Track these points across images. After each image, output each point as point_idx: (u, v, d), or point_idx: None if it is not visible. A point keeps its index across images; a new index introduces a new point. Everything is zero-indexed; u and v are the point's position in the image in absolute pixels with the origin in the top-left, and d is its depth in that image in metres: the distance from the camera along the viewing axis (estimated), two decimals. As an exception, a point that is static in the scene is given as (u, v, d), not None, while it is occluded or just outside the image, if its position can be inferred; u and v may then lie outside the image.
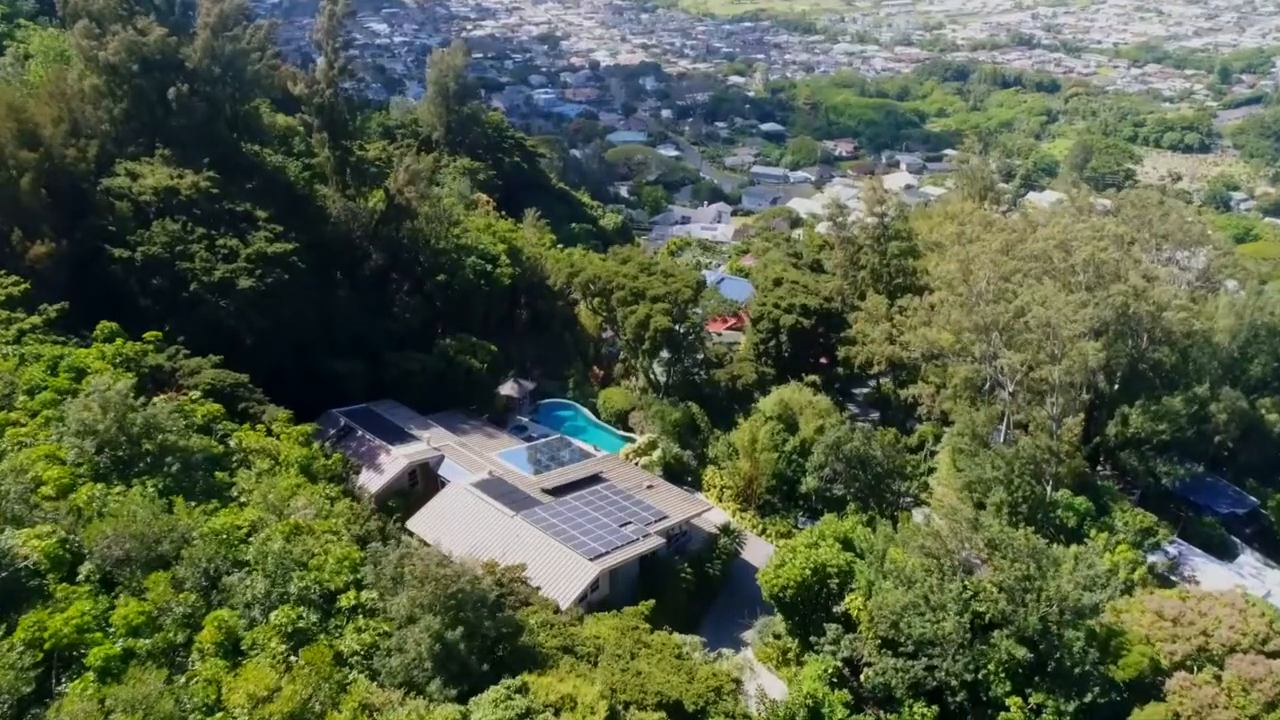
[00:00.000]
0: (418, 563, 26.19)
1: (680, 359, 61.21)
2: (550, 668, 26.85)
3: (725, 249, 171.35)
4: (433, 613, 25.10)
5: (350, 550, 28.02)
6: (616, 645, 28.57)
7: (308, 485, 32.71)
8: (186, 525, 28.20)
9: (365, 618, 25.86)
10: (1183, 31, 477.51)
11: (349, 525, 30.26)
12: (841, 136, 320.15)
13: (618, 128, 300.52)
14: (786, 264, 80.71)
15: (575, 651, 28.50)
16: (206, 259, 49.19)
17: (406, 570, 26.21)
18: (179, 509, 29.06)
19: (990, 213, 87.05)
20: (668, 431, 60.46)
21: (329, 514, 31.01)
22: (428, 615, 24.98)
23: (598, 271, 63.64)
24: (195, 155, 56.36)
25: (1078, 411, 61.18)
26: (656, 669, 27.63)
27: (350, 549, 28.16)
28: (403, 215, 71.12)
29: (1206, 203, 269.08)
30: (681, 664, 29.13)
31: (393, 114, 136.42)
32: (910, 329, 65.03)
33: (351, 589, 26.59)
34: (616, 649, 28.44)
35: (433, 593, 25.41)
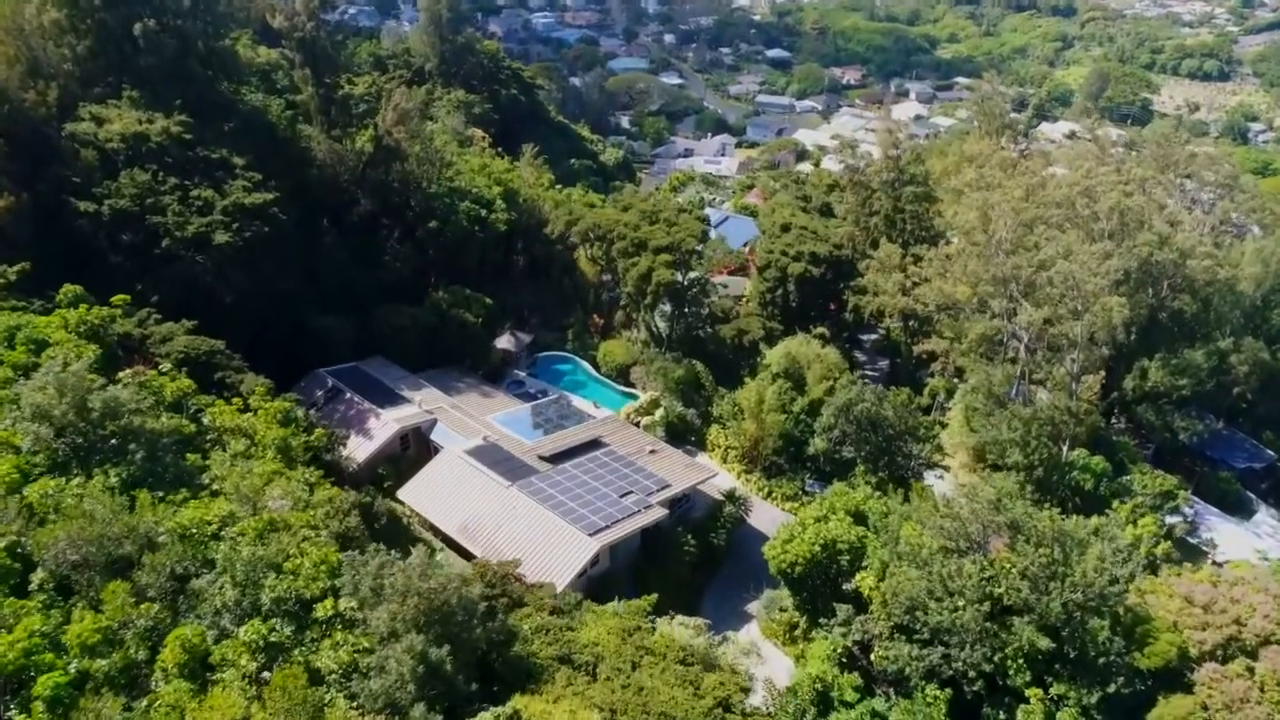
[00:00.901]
0: (399, 575, 24.04)
1: (684, 314, 58.41)
2: (546, 681, 24.96)
3: (729, 184, 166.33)
4: (416, 629, 23.09)
5: (328, 552, 25.89)
6: (617, 653, 26.69)
7: (285, 471, 30.50)
8: (151, 523, 26.02)
9: (343, 630, 23.84)
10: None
11: (328, 519, 28.12)
12: (849, 64, 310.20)
13: (619, 54, 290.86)
14: (795, 208, 77.13)
15: (573, 661, 26.59)
16: (179, 212, 46.05)
17: (387, 583, 24.09)
18: (142, 504, 26.80)
19: (1009, 152, 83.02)
20: (670, 389, 58.08)
21: (308, 504, 28.84)
22: (411, 633, 22.96)
23: (597, 220, 60.36)
24: (166, 96, 52.60)
25: (1098, 369, 58.65)
26: (660, 681, 25.76)
27: (328, 550, 26.03)
28: (392, 157, 67.41)
29: (1224, 134, 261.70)
30: (687, 672, 27.27)
31: (384, 43, 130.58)
32: (925, 281, 62.08)
33: (329, 597, 24.50)
34: (617, 658, 26.56)
35: (416, 607, 23.36)
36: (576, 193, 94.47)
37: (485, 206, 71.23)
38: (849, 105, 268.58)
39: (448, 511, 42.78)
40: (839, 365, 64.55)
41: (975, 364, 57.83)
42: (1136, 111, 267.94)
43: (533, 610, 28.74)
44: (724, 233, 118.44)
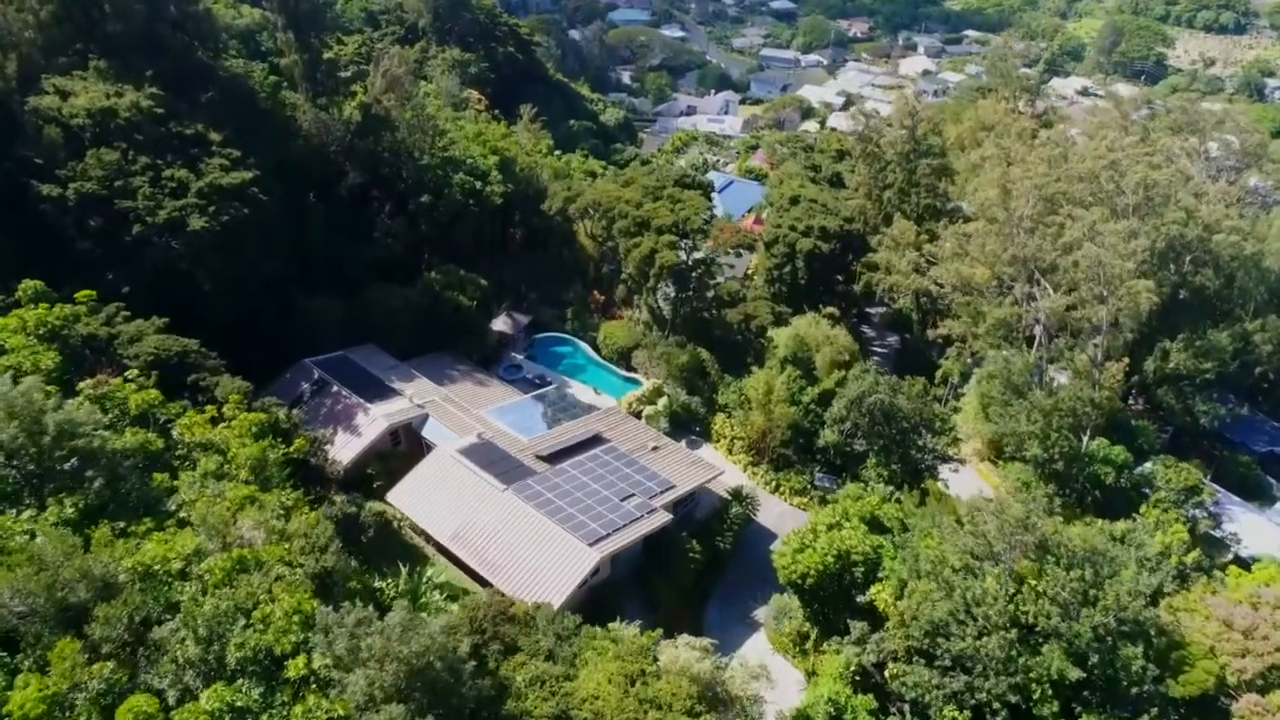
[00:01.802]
0: (377, 638, 21.75)
1: (689, 297, 55.61)
2: (541, 744, 22.98)
3: (733, 144, 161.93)
4: (397, 697, 20.91)
5: (302, 598, 23.57)
6: (619, 709, 24.58)
7: (259, 496, 28.15)
8: (108, 564, 23.74)
9: (317, 694, 21.63)
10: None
11: (304, 554, 25.80)
12: (856, 15, 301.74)
13: (619, 5, 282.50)
14: (804, 178, 73.82)
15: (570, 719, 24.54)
16: (150, 195, 43.00)
17: (364, 645, 21.83)
18: (99, 542, 24.44)
19: (1026, 119, 79.47)
20: (674, 376, 55.56)
21: (283, 534, 26.53)
22: (391, 703, 20.77)
23: (598, 196, 57.21)
24: (137, 66, 49.17)
25: (1122, 355, 56.06)
26: (666, 741, 23.78)
27: (302, 596, 23.71)
28: (382, 126, 63.96)
29: (1239, 90, 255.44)
30: (695, 724, 25.23)
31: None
32: (941, 261, 59.21)
33: (301, 654, 22.25)
34: (619, 714, 24.46)
35: (396, 673, 21.16)
36: (576, 159, 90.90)
37: (480, 178, 67.95)
38: (855, 60, 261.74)
39: (440, 516, 40.57)
40: (849, 347, 61.94)
41: (992, 349, 55.26)
42: (1151, 67, 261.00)
43: (527, 656, 26.59)
44: (728, 198, 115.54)
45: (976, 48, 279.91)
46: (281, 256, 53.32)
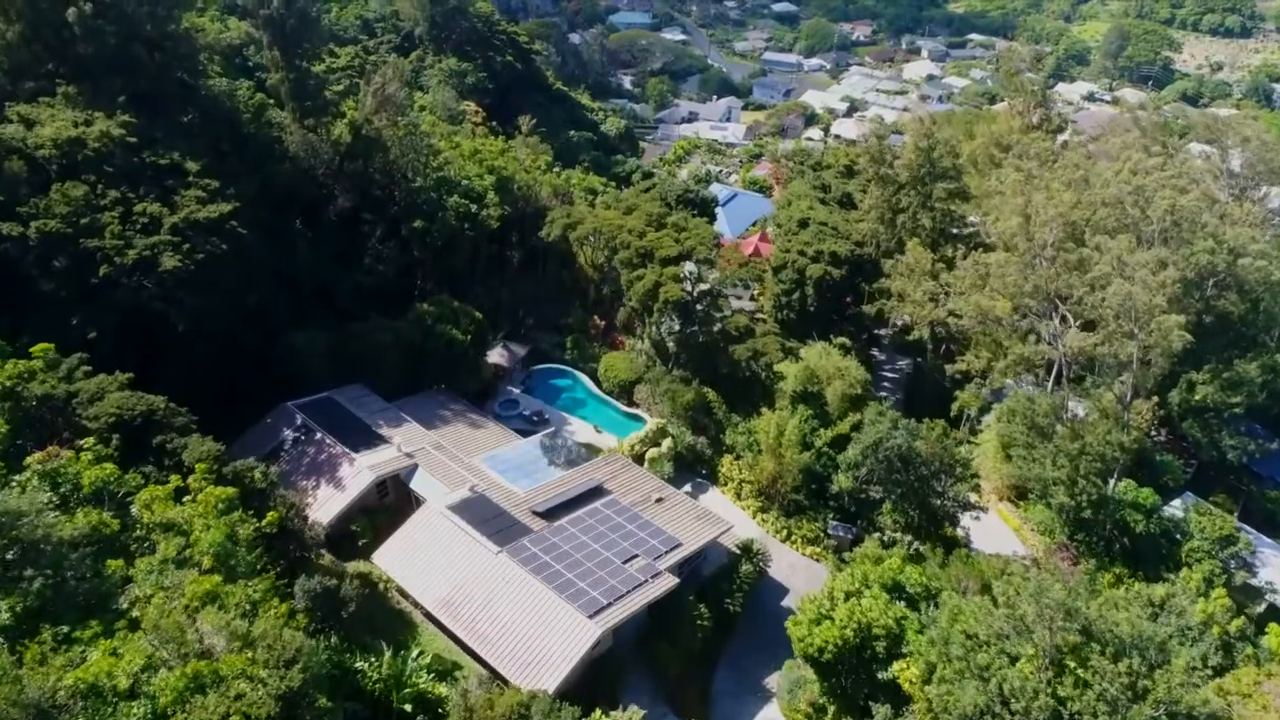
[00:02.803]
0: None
1: (694, 332, 52.76)
2: None
3: (736, 152, 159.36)
4: None
5: (263, 729, 20.89)
6: None
7: (222, 590, 25.36)
8: (45, 685, 20.94)
9: None
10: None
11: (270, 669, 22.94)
12: (859, 18, 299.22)
13: (620, 7, 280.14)
14: (813, 199, 71.01)
15: None
16: (119, 234, 40.11)
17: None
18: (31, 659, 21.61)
19: (1045, 138, 76.48)
20: (678, 414, 52.70)
21: (248, 637, 23.73)
22: None
23: (598, 225, 54.31)
24: (110, 90, 46.37)
25: (1151, 393, 53.19)
26: None
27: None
28: (373, 148, 61.13)
29: (1247, 95, 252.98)
30: None
31: (371, 4, 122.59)
32: (960, 293, 56.36)
33: (260, 802, 19.56)
34: None
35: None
36: (576, 175, 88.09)
37: (476, 200, 65.12)
38: (858, 63, 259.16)
39: (428, 581, 37.75)
40: (862, 380, 59.20)
41: (1014, 387, 52.48)
42: (1157, 72, 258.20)
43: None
44: (732, 212, 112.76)
45: (981, 51, 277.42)
46: (265, 288, 50.52)
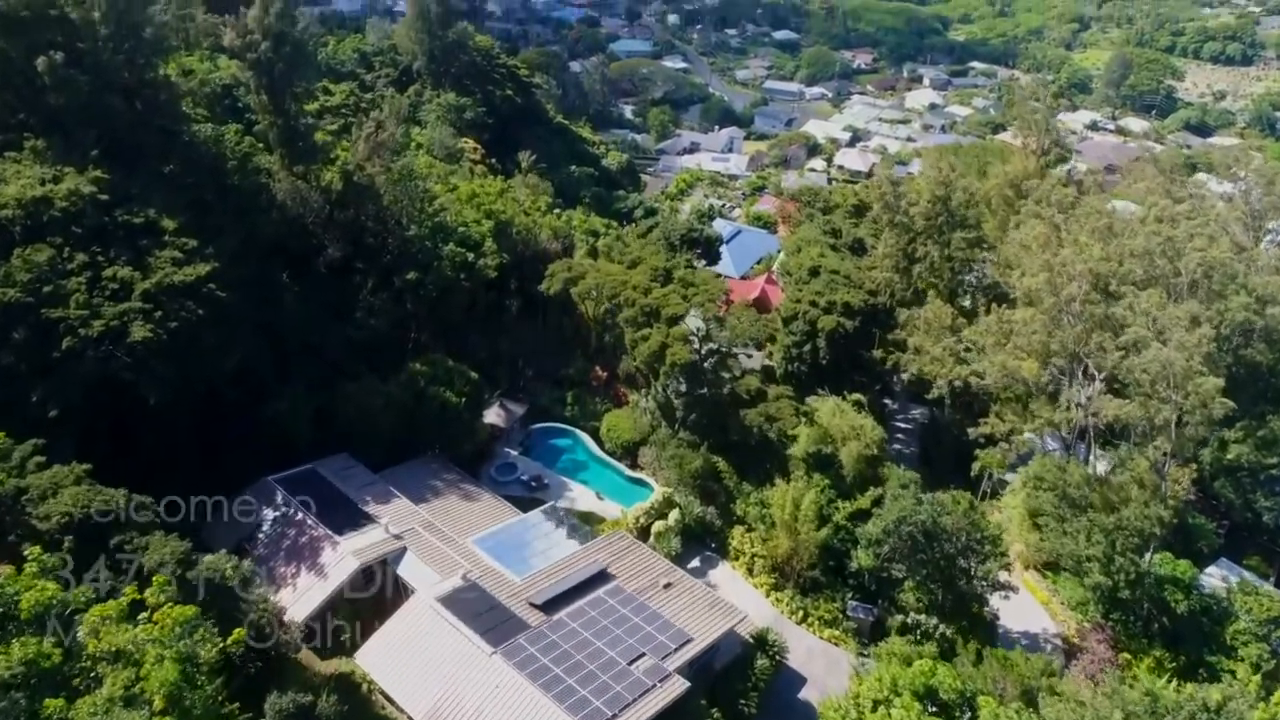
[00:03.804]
0: None
1: (702, 396, 49.76)
2: None
3: (739, 185, 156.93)
4: None
5: None
6: None
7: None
8: None
9: None
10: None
11: None
12: (860, 46, 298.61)
13: (621, 35, 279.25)
14: (823, 245, 68.28)
15: None
16: (85, 303, 37.16)
17: None
18: None
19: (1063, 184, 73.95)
20: (686, 482, 49.58)
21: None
22: None
23: (600, 280, 51.48)
24: (83, 141, 43.59)
25: (1188, 459, 50.12)
26: None
27: None
28: (365, 195, 58.40)
29: (1250, 124, 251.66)
30: None
31: (369, 38, 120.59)
32: (982, 352, 53.45)
33: None
34: None
35: None
36: (578, 216, 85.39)
37: (473, 249, 62.24)
38: (860, 92, 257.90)
39: (416, 685, 34.47)
40: (878, 440, 56.20)
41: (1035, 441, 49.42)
42: (1161, 101, 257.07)
43: None
44: (736, 249, 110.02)
45: (983, 80, 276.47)
46: (248, 347, 47.46)
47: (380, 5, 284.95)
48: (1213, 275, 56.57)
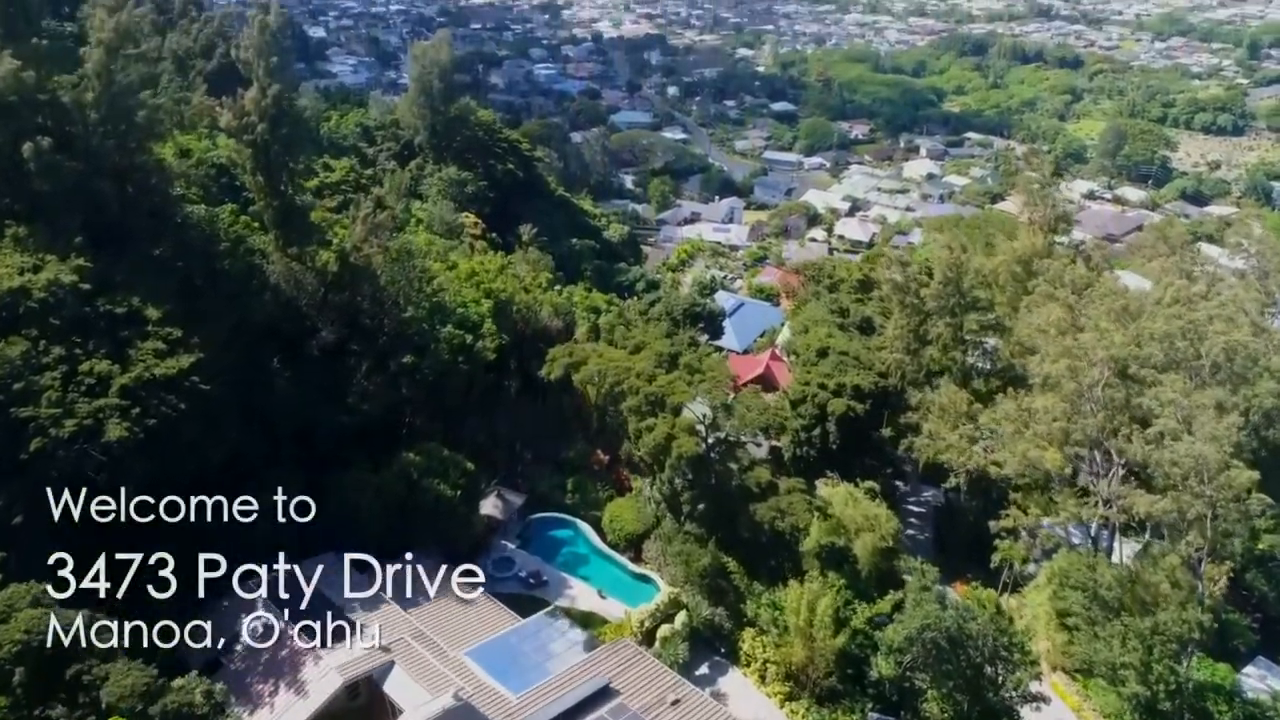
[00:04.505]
0: None
1: (710, 488, 47.46)
2: None
3: (740, 255, 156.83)
4: None
5: None
6: None
7: None
8: None
9: None
10: (1206, 2, 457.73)
11: None
12: (856, 117, 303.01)
13: (621, 107, 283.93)
14: (830, 325, 66.65)
15: None
16: (58, 400, 35.16)
17: None
18: None
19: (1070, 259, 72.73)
20: (693, 580, 46.89)
21: None
22: None
23: (603, 366, 49.61)
24: (67, 226, 42.10)
25: (1225, 558, 47.52)
26: None
27: None
28: (361, 277, 56.94)
29: (1246, 193, 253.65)
30: None
31: (372, 112, 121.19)
32: (1003, 441, 51.32)
33: None
34: None
35: None
36: (579, 292, 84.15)
37: (472, 330, 60.60)
38: (858, 162, 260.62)
39: (401, 823, 31.38)
40: (893, 532, 53.64)
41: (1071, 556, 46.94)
42: (1157, 171, 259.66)
43: None
44: (738, 322, 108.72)
45: (979, 150, 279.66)
46: (233, 438, 45.31)
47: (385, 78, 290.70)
48: (1235, 358, 54.87)
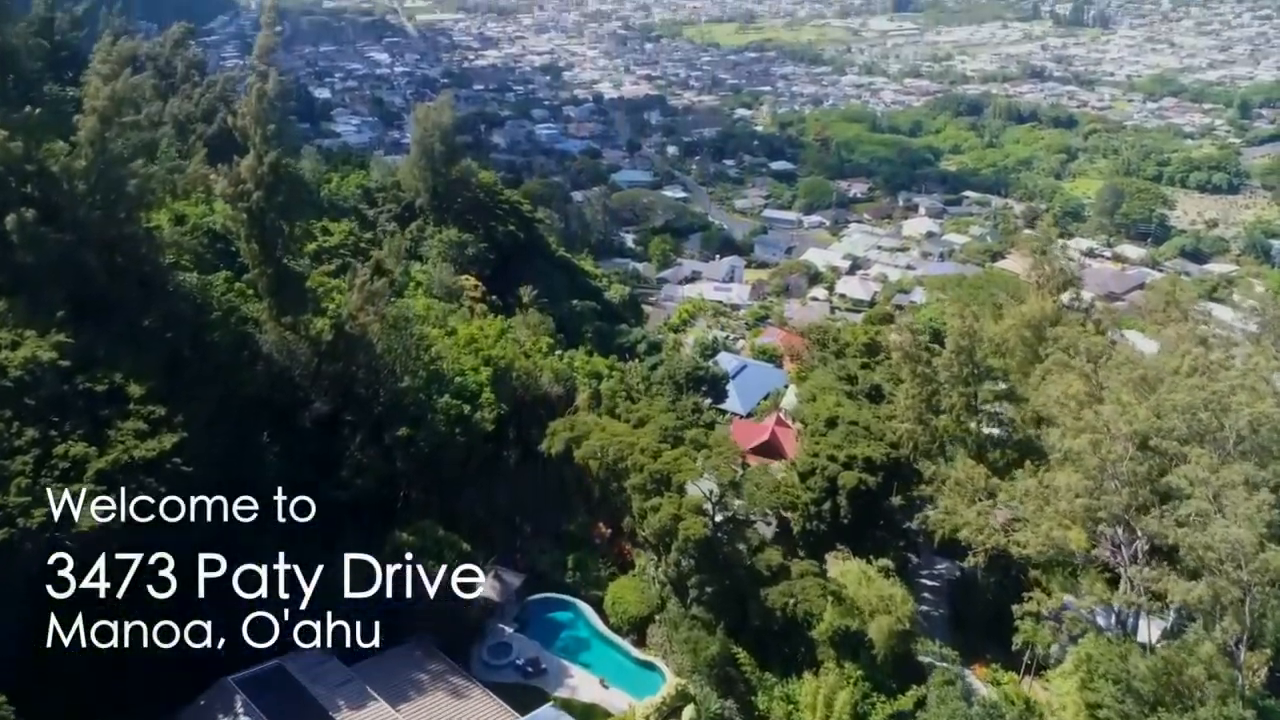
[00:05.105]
0: None
1: (718, 573, 45.16)
2: None
3: (742, 314, 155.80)
4: None
5: None
6: None
7: None
8: None
9: None
10: (1196, 64, 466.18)
11: None
12: (854, 175, 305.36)
13: (622, 166, 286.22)
14: (838, 393, 64.77)
15: None
16: (27, 487, 33.18)
17: None
18: None
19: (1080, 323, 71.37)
20: (700, 670, 44.33)
21: None
22: None
23: (605, 441, 47.71)
24: (51, 299, 40.56)
25: (1259, 644, 45.01)
26: None
27: None
28: (356, 348, 55.36)
29: (1245, 251, 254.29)
30: None
31: (373, 174, 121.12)
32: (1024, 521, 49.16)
33: None
34: None
35: None
36: (580, 357, 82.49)
37: (470, 400, 58.81)
38: (857, 220, 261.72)
39: None
40: (910, 614, 51.08)
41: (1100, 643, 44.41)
42: (1155, 229, 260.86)
43: None
44: (741, 385, 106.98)
45: (977, 208, 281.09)
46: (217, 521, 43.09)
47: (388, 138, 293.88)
48: (1260, 430, 52.97)
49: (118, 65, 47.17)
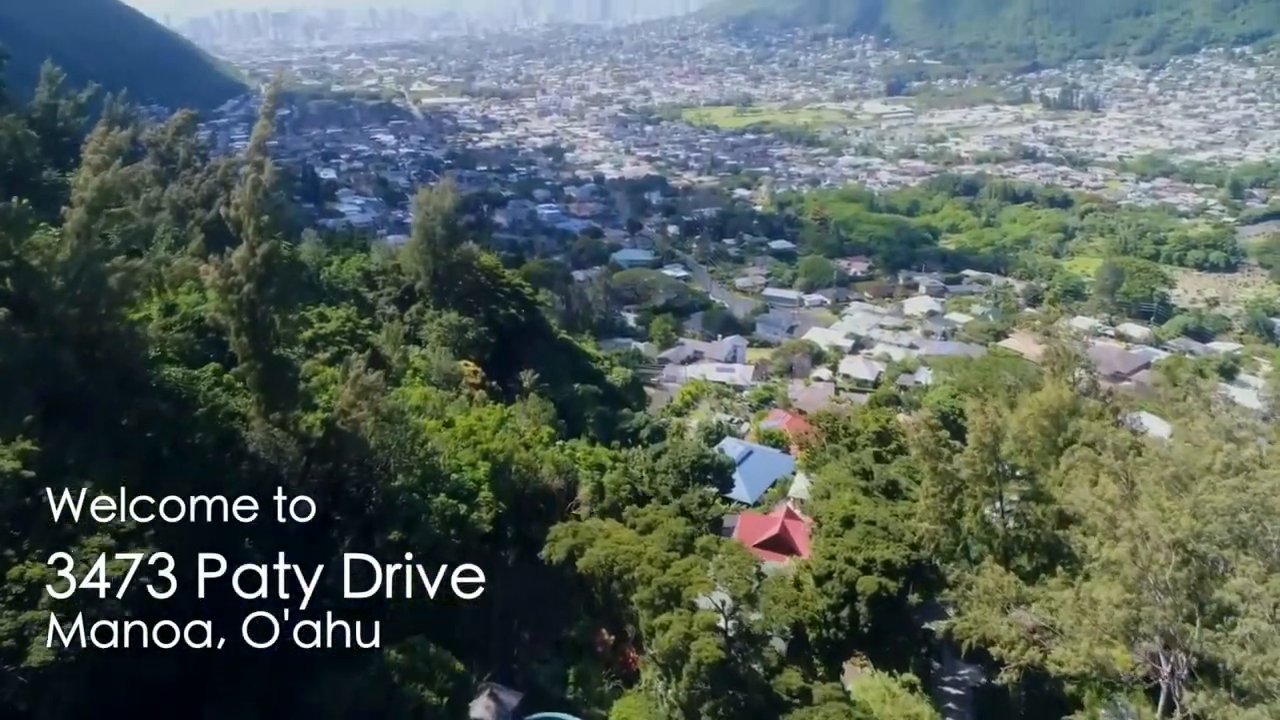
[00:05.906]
0: None
1: (734, 699, 41.55)
2: None
3: (745, 396, 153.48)
4: None
5: None
6: None
7: None
8: None
9: None
10: (1186, 145, 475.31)
11: None
12: (854, 254, 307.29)
13: (623, 245, 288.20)
14: (854, 489, 61.81)
15: None
16: (-24, 616, 30.16)
17: None
18: None
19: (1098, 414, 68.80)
20: (716, 806, 40.31)
21: None
22: None
23: (611, 550, 44.63)
24: (19, 403, 38.00)
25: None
26: None
27: None
28: (347, 445, 52.66)
29: (1248, 330, 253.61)
30: None
31: (374, 257, 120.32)
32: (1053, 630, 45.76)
33: None
34: None
35: None
36: (581, 448, 79.74)
37: (466, 500, 55.83)
38: (858, 299, 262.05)
39: None
40: (939, 735, 47.26)
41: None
42: (1156, 308, 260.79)
43: None
44: (747, 471, 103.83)
45: (978, 287, 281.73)
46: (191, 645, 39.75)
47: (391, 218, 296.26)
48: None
49: (110, 155, 45.73)
